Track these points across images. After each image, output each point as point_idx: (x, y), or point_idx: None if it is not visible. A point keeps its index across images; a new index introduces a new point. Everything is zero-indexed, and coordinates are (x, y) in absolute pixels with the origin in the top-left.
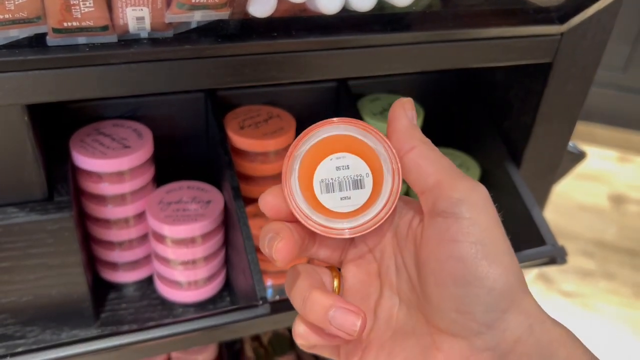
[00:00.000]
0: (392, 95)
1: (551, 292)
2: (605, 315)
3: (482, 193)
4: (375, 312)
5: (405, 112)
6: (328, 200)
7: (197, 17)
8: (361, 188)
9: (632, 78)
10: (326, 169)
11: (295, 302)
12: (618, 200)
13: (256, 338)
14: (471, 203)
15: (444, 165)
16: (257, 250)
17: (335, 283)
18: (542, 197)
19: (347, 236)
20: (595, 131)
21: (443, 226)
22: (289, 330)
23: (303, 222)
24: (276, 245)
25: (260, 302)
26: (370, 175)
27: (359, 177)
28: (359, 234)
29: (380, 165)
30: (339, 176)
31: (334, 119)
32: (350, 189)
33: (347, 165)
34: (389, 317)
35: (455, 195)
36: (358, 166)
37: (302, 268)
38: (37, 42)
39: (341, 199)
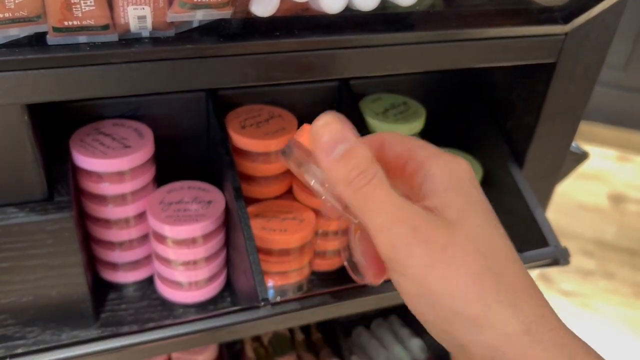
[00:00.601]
0: (394, 95)
1: (551, 291)
2: (605, 315)
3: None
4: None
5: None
6: None
7: (199, 16)
8: None
9: (632, 77)
10: None
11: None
12: (618, 199)
13: (257, 338)
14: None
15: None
16: (259, 251)
17: None
18: (545, 197)
19: None
20: (595, 130)
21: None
22: (290, 330)
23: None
24: None
25: (262, 303)
26: None
27: None
28: None
29: None
30: None
31: None
32: None
33: None
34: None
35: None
36: None
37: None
38: (37, 41)
39: None
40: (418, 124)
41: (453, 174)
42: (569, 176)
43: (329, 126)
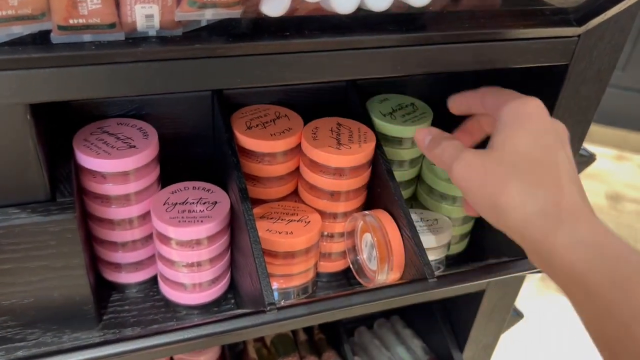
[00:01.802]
0: (401, 95)
1: (549, 289)
2: None
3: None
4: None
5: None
6: None
7: (208, 16)
8: None
9: (630, 77)
10: None
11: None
12: (615, 198)
13: (259, 339)
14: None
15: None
16: (264, 253)
17: None
18: None
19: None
20: (593, 130)
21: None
22: (292, 330)
23: None
24: None
25: (268, 308)
26: None
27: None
28: None
29: None
30: None
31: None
32: None
33: None
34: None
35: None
36: None
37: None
38: (41, 39)
39: None
40: (425, 126)
41: (516, 113)
42: None
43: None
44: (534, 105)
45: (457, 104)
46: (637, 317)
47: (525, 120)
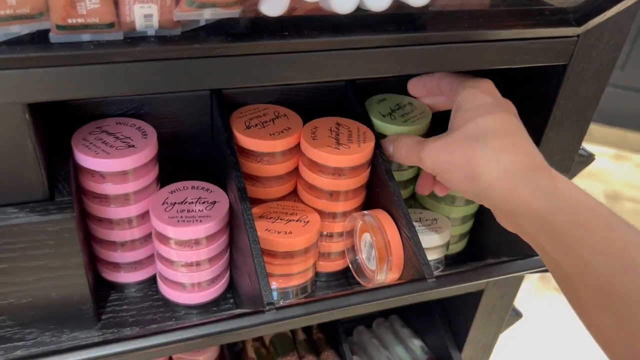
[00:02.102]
0: (399, 95)
1: (547, 289)
2: None
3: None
4: None
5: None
6: None
7: (207, 15)
8: None
9: (629, 77)
10: None
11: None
12: (614, 197)
13: (258, 338)
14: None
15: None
16: (263, 253)
17: None
18: None
19: None
20: (591, 129)
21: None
22: (291, 330)
23: None
24: None
25: (267, 308)
26: None
27: None
28: None
29: None
30: None
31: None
32: None
33: None
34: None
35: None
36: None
37: None
38: (40, 38)
39: None
40: (424, 126)
41: (471, 95)
42: (573, 178)
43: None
44: (486, 85)
45: (415, 86)
46: (596, 253)
47: (479, 98)
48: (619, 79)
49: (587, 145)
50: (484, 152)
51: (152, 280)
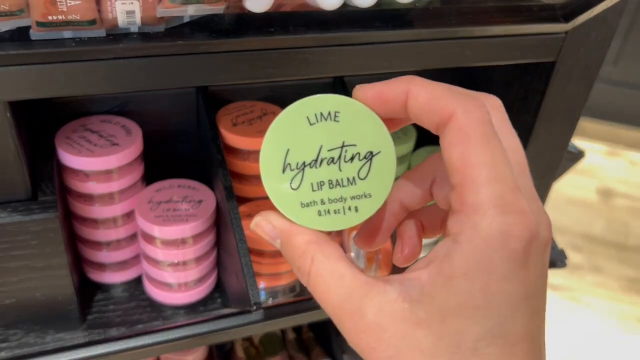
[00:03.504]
0: None
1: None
2: (593, 309)
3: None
4: None
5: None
6: None
7: (191, 12)
8: None
9: (622, 72)
10: None
11: None
12: (606, 194)
13: (247, 338)
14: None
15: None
16: (251, 252)
17: None
18: (541, 198)
19: None
20: (584, 125)
21: None
22: (281, 330)
23: None
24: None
25: (254, 307)
26: None
27: None
28: None
29: None
30: None
31: None
32: None
33: None
34: None
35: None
36: None
37: None
38: (20, 36)
39: None
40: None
41: (482, 258)
42: (563, 175)
43: (258, 229)
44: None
45: (368, 99)
46: None
47: (496, 258)
48: (612, 75)
49: (580, 142)
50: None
51: (139, 281)
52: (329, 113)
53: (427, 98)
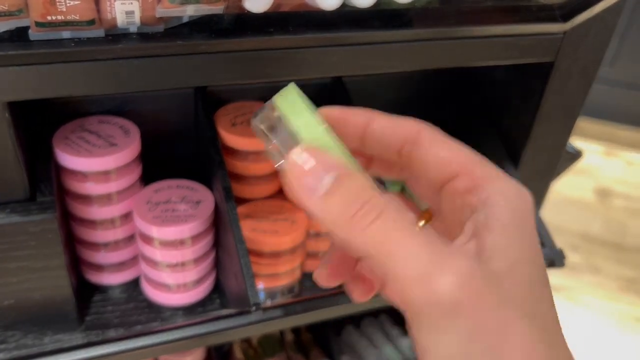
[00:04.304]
0: None
1: None
2: (590, 309)
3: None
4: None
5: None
6: None
7: (190, 12)
8: None
9: (619, 72)
10: None
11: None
12: (604, 194)
13: (246, 339)
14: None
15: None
16: (249, 253)
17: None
18: (540, 198)
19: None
20: (581, 125)
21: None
22: (279, 331)
23: None
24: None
25: (254, 308)
26: None
27: None
28: None
29: None
30: None
31: None
32: None
33: None
34: None
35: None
36: None
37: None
38: (19, 36)
39: None
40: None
41: (517, 209)
42: (561, 175)
43: (304, 157)
44: (532, 205)
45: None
46: None
47: (531, 229)
48: (609, 75)
49: (577, 141)
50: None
51: (137, 282)
52: None
53: (388, 121)
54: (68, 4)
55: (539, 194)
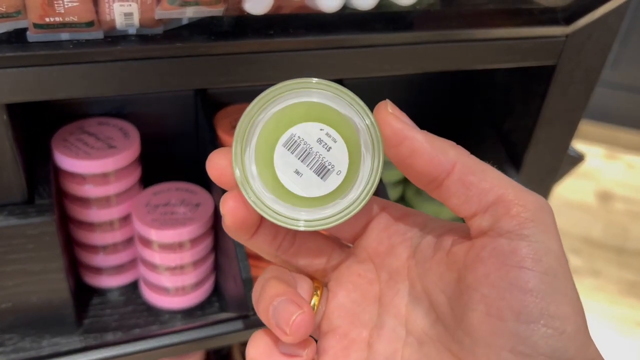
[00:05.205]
0: None
1: None
2: (592, 312)
3: (551, 213)
4: (371, 345)
5: (400, 119)
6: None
7: (189, 14)
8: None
9: (620, 75)
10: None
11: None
12: (605, 197)
13: (245, 343)
14: (543, 225)
15: (499, 177)
16: (248, 255)
17: (314, 300)
18: None
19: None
20: (583, 128)
21: (507, 249)
22: None
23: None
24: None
25: (253, 312)
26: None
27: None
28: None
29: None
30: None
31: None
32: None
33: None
34: (392, 353)
35: (525, 215)
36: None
37: (273, 271)
38: (17, 37)
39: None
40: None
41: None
42: (563, 179)
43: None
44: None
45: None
46: None
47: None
48: (610, 77)
49: (579, 144)
50: None
51: (135, 285)
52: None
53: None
54: (66, 6)
55: None
